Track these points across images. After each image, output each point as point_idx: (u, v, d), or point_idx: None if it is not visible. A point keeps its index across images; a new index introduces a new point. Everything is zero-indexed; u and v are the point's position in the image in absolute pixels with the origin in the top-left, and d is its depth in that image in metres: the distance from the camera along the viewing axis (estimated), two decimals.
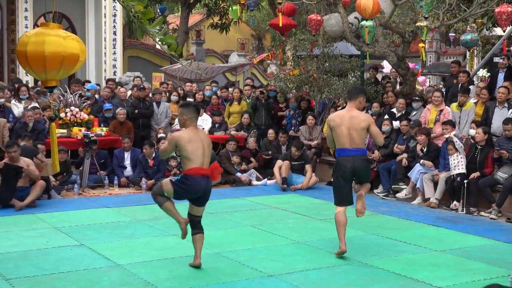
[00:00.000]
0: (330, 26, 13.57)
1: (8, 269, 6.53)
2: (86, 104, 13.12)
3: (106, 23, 19.06)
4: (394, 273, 6.55)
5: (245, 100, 14.58)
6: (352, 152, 7.18)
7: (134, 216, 9.32)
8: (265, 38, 36.72)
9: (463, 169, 10.04)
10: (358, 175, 7.33)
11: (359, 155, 7.22)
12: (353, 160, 7.17)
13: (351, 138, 7.17)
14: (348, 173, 7.23)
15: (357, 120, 7.18)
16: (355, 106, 7.36)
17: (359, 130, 7.17)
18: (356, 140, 7.17)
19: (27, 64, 5.51)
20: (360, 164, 7.21)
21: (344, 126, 7.18)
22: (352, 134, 7.17)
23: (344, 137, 7.19)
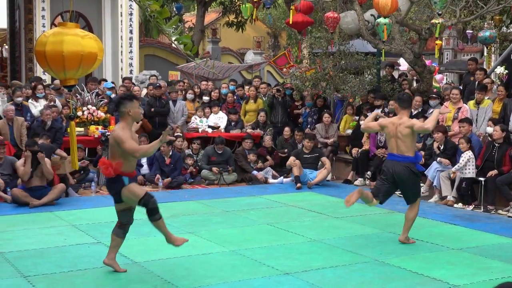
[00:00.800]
0: (346, 24, 13.55)
1: (26, 266, 6.58)
2: (103, 102, 13.20)
3: (122, 22, 19.12)
4: (411, 271, 6.53)
5: (261, 98, 14.58)
6: (395, 158, 7.60)
7: None
8: (281, 36, 36.66)
9: (473, 173, 10.00)
10: (400, 182, 7.65)
11: (401, 161, 7.54)
12: (394, 165, 7.58)
13: (397, 145, 7.57)
14: (388, 176, 7.65)
15: (401, 128, 7.54)
16: (406, 114, 7.72)
17: (403, 137, 7.52)
18: (401, 147, 7.55)
19: (46, 64, 5.55)
20: (400, 170, 7.54)
21: (393, 133, 7.59)
22: (398, 141, 7.57)
23: (392, 143, 7.64)
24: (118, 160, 6.13)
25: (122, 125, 6.17)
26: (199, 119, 13.66)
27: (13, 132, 11.47)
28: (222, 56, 27.35)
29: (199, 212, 9.62)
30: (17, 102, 12.10)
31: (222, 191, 11.57)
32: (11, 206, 9.84)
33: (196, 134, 13.31)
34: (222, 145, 12.53)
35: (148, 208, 6.25)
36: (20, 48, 20.46)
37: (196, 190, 11.79)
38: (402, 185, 7.68)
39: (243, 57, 29.71)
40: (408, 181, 7.60)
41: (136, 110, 6.22)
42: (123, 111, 6.15)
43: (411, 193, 7.76)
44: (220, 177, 12.21)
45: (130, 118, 6.17)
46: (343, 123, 13.70)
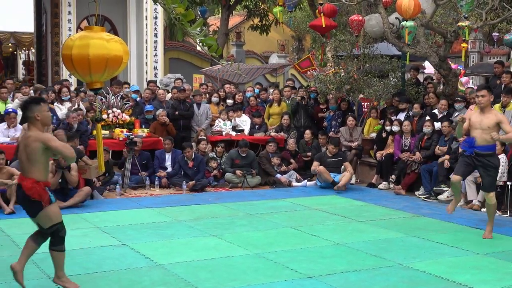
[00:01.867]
0: (371, 27, 13.50)
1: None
2: (127, 105, 13.29)
3: (147, 26, 19.25)
4: (435, 276, 6.48)
5: (285, 101, 14.58)
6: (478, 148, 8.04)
7: (175, 216, 9.40)
8: (305, 39, 36.62)
9: (505, 177, 9.89)
10: (480, 163, 8.12)
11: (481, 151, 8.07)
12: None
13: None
14: (468, 159, 8.14)
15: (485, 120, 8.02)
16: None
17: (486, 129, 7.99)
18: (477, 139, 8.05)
19: (72, 67, 5.60)
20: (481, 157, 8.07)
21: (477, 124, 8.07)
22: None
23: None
24: (39, 170, 5.66)
25: (36, 132, 5.63)
26: (223, 122, 13.69)
27: None
28: (246, 59, 27.41)
29: (223, 215, 9.64)
30: None
31: (245, 194, 11.59)
32: None
33: (220, 137, 13.34)
34: (246, 148, 12.54)
35: (59, 236, 5.83)
36: (46, 52, 20.67)
37: (219, 193, 11.82)
38: (481, 164, 8.11)
39: (267, 60, 29.76)
40: (488, 163, 8.09)
41: (45, 114, 5.68)
42: (30, 116, 5.63)
43: (485, 177, 8.19)
44: (243, 180, 12.22)
45: (39, 123, 5.63)
46: (367, 126, 13.64)
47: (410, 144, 11.90)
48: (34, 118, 5.61)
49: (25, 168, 5.70)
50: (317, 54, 19.53)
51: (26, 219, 9.02)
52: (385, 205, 10.43)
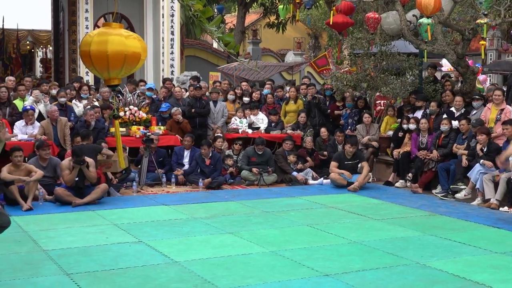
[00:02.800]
0: (388, 24, 13.44)
1: (69, 264, 6.68)
2: (144, 103, 13.33)
3: (164, 23, 19.25)
4: (453, 274, 6.44)
5: (301, 99, 14.55)
6: None
7: (191, 214, 9.42)
8: (321, 37, 36.56)
9: None
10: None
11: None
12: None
13: None
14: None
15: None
16: None
17: None
18: None
19: (90, 64, 5.61)
20: None
21: None
22: None
23: None
24: None
25: None
26: (239, 119, 13.69)
27: (57, 132, 11.66)
28: (263, 57, 27.41)
29: (239, 212, 9.65)
30: (61, 103, 12.30)
31: (262, 192, 11.58)
32: (54, 205, 10.01)
33: (236, 135, 13.35)
34: (263, 146, 12.54)
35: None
36: (64, 49, 20.76)
37: (236, 190, 11.82)
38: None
39: (284, 58, 29.73)
40: None
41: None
42: None
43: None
44: (260, 178, 12.22)
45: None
46: (384, 124, 13.58)
47: (427, 142, 11.83)
48: None
49: None
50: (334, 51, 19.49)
51: (43, 215, 9.16)
52: (402, 204, 10.38)
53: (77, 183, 9.95)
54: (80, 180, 9.98)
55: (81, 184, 9.98)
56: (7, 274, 6.32)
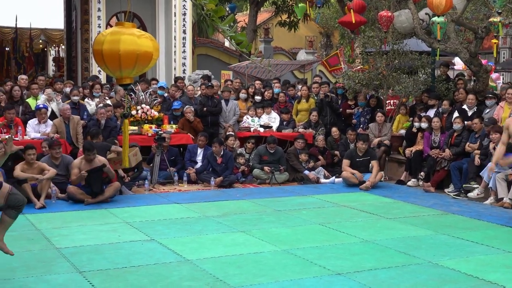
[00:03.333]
0: (400, 23, 13.40)
1: (81, 261, 6.72)
2: (156, 101, 13.36)
3: (176, 22, 19.29)
4: (466, 274, 6.41)
5: (313, 97, 14.53)
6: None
7: (203, 212, 9.43)
8: (333, 36, 36.50)
9: None
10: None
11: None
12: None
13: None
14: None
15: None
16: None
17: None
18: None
19: (103, 63, 5.64)
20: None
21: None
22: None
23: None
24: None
25: None
26: (251, 118, 13.70)
27: (69, 131, 11.72)
28: (274, 56, 27.39)
29: (251, 211, 9.65)
30: (74, 101, 12.36)
31: (273, 190, 11.58)
32: (67, 203, 10.05)
33: (248, 134, 13.36)
34: (274, 145, 12.54)
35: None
36: (76, 48, 20.85)
37: (247, 189, 11.83)
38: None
39: (295, 56, 29.69)
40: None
41: None
42: None
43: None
44: (271, 177, 12.22)
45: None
46: (396, 123, 13.54)
47: (440, 141, 11.79)
48: None
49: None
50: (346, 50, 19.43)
51: (56, 213, 9.20)
52: (414, 202, 10.35)
53: (93, 188, 9.97)
54: (95, 183, 9.98)
55: (96, 188, 9.99)
56: (20, 271, 6.36)
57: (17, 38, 26.61)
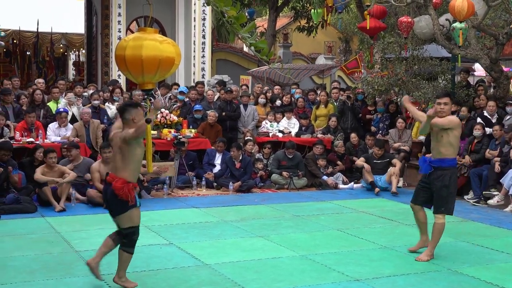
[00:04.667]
0: (420, 29, 13.36)
1: (101, 265, 6.72)
2: (175, 106, 13.41)
3: (195, 27, 19.37)
4: (485, 281, 6.37)
5: (332, 103, 14.52)
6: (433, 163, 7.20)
7: (222, 217, 9.45)
8: (352, 41, 36.39)
9: None
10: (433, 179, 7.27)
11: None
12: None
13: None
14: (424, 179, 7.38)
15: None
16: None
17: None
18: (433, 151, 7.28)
19: (125, 68, 5.68)
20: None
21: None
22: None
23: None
24: (130, 170, 5.90)
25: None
26: (270, 123, 13.71)
27: (89, 134, 11.80)
28: (293, 61, 27.37)
29: (269, 216, 9.65)
30: (94, 105, 12.45)
31: (292, 196, 11.58)
32: (86, 206, 10.13)
33: (266, 139, 13.37)
34: (293, 150, 12.54)
35: (133, 239, 6.08)
36: (96, 53, 21.01)
37: (266, 194, 11.83)
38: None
39: (314, 62, 29.63)
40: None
41: (140, 118, 5.85)
42: (127, 118, 5.83)
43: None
44: (290, 182, 12.22)
45: (134, 125, 5.79)
46: (416, 129, 13.49)
47: (460, 148, 11.71)
48: (131, 120, 5.82)
49: (117, 167, 5.91)
50: (365, 55, 19.41)
51: (76, 216, 9.25)
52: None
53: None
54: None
55: None
56: (40, 274, 6.42)
57: (38, 42, 26.86)
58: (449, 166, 7.06)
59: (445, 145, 7.00)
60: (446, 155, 7.01)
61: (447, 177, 7.02)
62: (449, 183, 7.04)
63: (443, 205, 7.11)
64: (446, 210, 7.14)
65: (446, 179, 7.01)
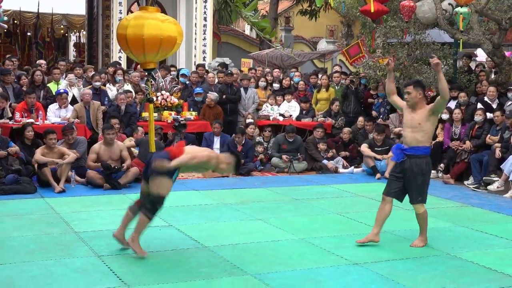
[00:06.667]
0: (423, 13, 13.27)
1: (100, 246, 6.76)
2: (176, 88, 13.37)
3: (197, 9, 19.26)
4: (484, 266, 6.37)
5: (333, 87, 14.48)
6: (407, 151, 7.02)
7: (221, 199, 9.45)
8: (354, 25, 36.22)
9: None
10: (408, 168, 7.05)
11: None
12: None
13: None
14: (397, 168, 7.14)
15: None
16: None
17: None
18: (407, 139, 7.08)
19: (126, 47, 5.65)
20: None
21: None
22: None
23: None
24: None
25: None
26: (270, 106, 13.68)
27: (89, 116, 11.77)
28: (295, 45, 27.27)
29: (269, 199, 9.65)
30: (95, 87, 12.40)
31: (291, 179, 11.58)
32: (86, 187, 10.13)
33: (267, 122, 13.35)
34: (293, 133, 12.52)
35: (156, 207, 6.35)
36: (97, 34, 20.91)
37: (266, 177, 11.83)
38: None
39: (316, 45, 29.55)
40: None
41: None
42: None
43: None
44: (290, 165, 12.21)
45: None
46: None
47: (460, 133, 11.70)
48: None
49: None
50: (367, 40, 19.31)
51: (75, 198, 9.25)
52: (433, 194, 10.23)
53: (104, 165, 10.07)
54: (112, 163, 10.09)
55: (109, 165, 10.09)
56: (39, 254, 6.42)
57: (39, 23, 26.72)
58: (424, 154, 6.91)
59: (421, 132, 6.84)
60: (422, 143, 6.87)
61: (422, 165, 6.87)
62: (425, 171, 6.89)
63: (420, 195, 6.94)
64: (422, 200, 7.00)
65: (422, 167, 6.86)
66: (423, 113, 6.83)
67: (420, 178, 6.86)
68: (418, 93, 6.90)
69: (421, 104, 6.91)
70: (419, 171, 6.84)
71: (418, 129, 6.82)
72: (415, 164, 6.83)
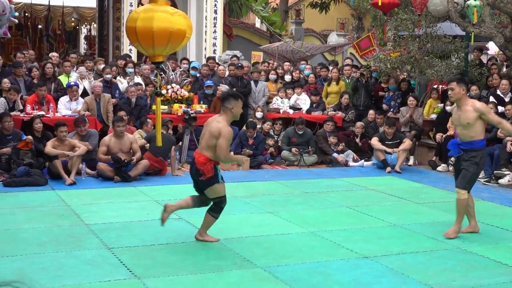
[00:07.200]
0: (434, 6, 13.20)
1: (110, 238, 6.78)
2: (186, 81, 13.37)
3: (207, 2, 19.25)
4: (495, 260, 6.35)
5: (344, 80, 14.44)
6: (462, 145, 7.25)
7: (231, 192, 9.36)
8: (365, 18, 36.07)
9: None
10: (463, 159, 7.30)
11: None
12: None
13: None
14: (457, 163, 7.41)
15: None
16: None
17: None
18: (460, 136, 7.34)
19: (136, 40, 5.65)
20: None
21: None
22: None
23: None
24: (210, 152, 6.41)
25: (225, 120, 6.48)
26: (281, 99, 13.66)
27: (100, 108, 11.80)
28: (305, 38, 27.17)
29: (279, 192, 9.65)
30: (106, 79, 12.43)
31: (301, 172, 11.57)
32: (97, 180, 10.16)
33: (277, 115, 13.33)
34: (303, 126, 12.50)
35: (221, 206, 6.68)
36: (108, 27, 20.96)
37: (276, 170, 11.83)
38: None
39: (326, 38, 29.45)
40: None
41: (238, 110, 6.55)
42: (226, 107, 6.51)
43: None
44: (300, 158, 12.20)
45: (231, 115, 6.52)
46: (427, 107, 13.41)
47: None
48: (230, 109, 6.51)
49: (203, 146, 6.53)
50: (378, 33, 19.24)
51: (86, 190, 9.29)
52: (444, 188, 10.26)
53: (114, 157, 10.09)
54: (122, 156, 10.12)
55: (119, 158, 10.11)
56: (50, 246, 6.45)
57: (50, 16, 26.79)
58: (479, 147, 7.10)
59: (472, 129, 7.04)
60: (475, 137, 7.05)
61: (478, 157, 7.06)
62: (480, 164, 7.11)
63: (467, 182, 7.11)
64: (468, 187, 7.16)
65: (478, 158, 7.06)
66: (468, 113, 6.99)
67: (473, 167, 7.05)
68: (461, 89, 7.04)
69: (464, 100, 7.06)
70: (474, 162, 7.03)
71: (468, 127, 7.04)
72: (471, 156, 7.04)
